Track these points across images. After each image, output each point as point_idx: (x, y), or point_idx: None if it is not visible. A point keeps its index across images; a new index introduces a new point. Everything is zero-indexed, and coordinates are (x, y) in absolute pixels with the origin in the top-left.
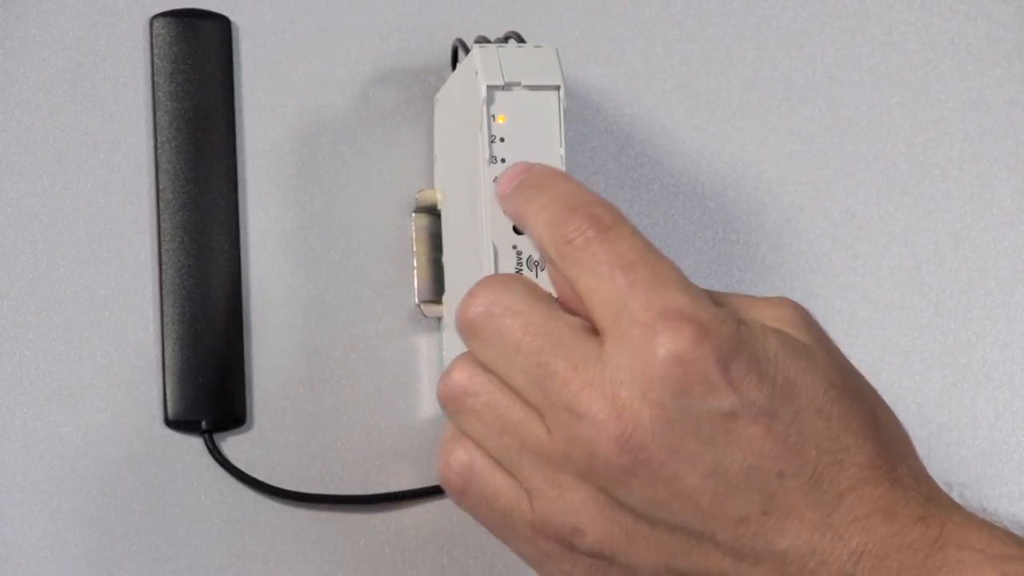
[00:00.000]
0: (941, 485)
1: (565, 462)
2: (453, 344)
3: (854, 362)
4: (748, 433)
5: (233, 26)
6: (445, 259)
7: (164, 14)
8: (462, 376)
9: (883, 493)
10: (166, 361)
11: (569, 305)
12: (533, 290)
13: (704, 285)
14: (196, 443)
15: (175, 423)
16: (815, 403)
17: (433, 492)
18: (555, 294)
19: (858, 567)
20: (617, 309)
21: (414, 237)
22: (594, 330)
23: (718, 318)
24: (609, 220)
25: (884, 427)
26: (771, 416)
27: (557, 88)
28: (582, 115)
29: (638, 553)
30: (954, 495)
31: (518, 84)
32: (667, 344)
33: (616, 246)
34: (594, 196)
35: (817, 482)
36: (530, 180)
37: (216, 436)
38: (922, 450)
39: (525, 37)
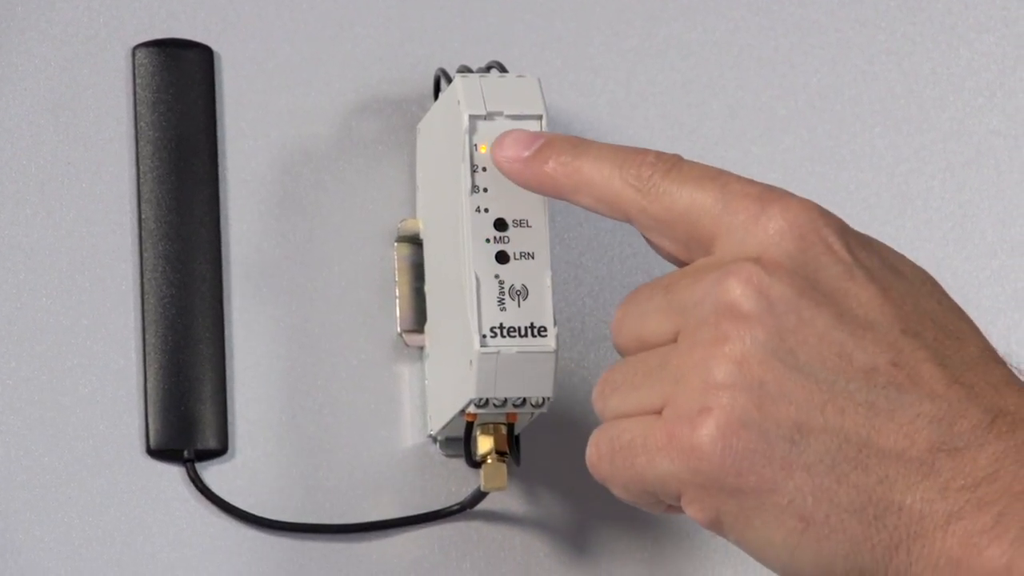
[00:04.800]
0: None
1: (693, 343)
2: (435, 373)
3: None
4: (867, 291)
5: (215, 56)
6: (427, 288)
7: (146, 44)
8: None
9: (1006, 372)
10: (148, 390)
11: (662, 247)
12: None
13: None
14: (178, 472)
15: (157, 452)
16: (924, 286)
17: (416, 521)
18: None
19: (994, 425)
20: (719, 208)
21: (396, 267)
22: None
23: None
24: (671, 154)
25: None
26: (885, 283)
27: (539, 118)
28: None
29: (769, 413)
30: None
31: (500, 114)
32: (777, 212)
33: (694, 168)
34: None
35: (939, 349)
36: (561, 142)
37: (198, 465)
38: None
39: (507, 67)
